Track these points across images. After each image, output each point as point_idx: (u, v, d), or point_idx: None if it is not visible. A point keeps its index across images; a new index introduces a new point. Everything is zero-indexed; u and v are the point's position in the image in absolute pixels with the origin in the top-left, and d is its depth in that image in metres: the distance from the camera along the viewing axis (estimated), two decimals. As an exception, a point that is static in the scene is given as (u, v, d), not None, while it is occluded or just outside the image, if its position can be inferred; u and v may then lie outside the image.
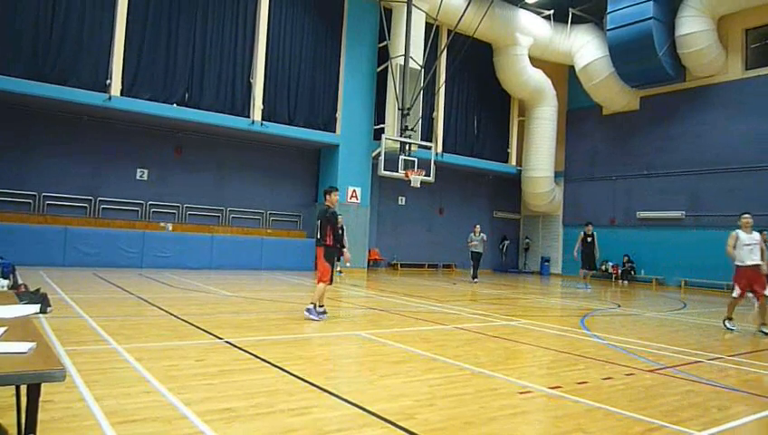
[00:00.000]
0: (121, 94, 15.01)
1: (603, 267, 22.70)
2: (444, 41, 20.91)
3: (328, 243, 8.14)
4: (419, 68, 18.83)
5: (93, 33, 14.81)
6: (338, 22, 19.26)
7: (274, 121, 17.66)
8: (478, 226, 18.00)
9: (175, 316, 7.57)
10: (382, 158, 17.90)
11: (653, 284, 20.84)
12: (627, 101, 22.37)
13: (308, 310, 7.97)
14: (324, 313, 8.21)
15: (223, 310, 8.61)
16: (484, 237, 17.67)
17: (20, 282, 8.81)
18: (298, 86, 18.43)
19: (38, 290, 7.99)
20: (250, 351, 5.60)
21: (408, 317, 8.97)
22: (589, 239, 16.74)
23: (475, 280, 17.38)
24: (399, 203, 22.63)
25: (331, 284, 8.33)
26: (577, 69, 22.66)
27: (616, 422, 3.91)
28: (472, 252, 17.57)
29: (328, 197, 8.34)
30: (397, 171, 17.99)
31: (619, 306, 12.74)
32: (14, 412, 2.68)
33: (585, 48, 22.19)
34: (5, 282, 8.33)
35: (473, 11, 19.05)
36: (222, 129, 17.16)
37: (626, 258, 21.96)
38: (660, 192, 21.22)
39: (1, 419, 3.06)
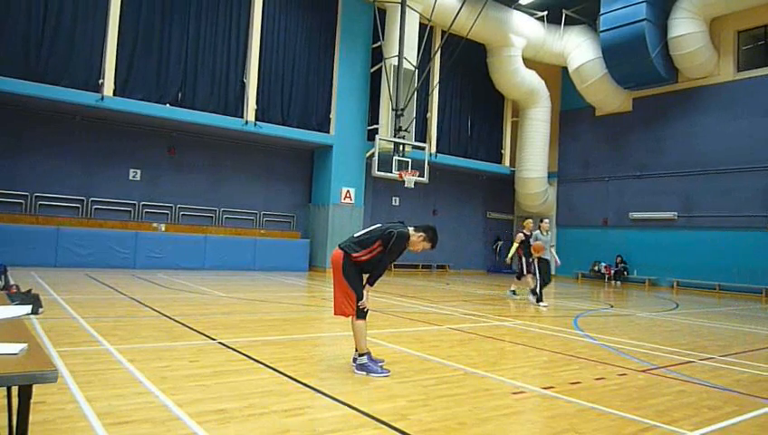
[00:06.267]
0: (114, 94, 14.95)
1: (596, 268, 22.80)
2: (438, 41, 20.93)
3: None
4: (413, 69, 18.84)
5: (86, 33, 14.74)
6: (332, 22, 19.24)
7: (268, 122, 17.62)
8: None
9: (168, 317, 7.54)
10: (376, 158, 17.89)
11: (646, 284, 20.93)
12: (620, 102, 22.47)
13: (364, 365, 4.98)
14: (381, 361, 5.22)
15: (216, 311, 8.58)
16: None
17: (11, 283, 8.75)
18: (292, 86, 18.40)
19: (30, 291, 7.93)
20: (243, 352, 5.59)
21: (401, 318, 8.98)
22: None
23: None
24: (393, 204, 22.63)
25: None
26: (570, 70, 22.74)
27: (609, 422, 3.93)
28: None
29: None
30: (390, 172, 17.99)
31: (612, 307, 12.79)
32: (6, 414, 2.66)
33: (578, 49, 22.27)
34: (-3, 283, 8.27)
35: (466, 12, 19.08)
36: (215, 129, 17.11)
37: (619, 259, 22.05)
38: (653, 193, 21.32)
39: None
